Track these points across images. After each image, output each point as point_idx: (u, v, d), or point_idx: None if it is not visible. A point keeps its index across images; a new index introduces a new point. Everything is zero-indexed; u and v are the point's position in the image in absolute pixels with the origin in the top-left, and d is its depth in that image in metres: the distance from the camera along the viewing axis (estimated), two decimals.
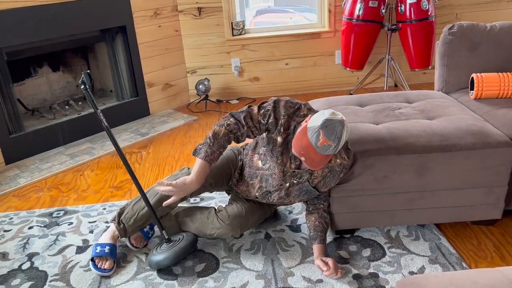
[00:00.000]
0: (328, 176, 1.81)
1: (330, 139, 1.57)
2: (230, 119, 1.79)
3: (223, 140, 1.77)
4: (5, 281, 1.89)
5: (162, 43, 3.78)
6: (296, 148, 1.63)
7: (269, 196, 1.90)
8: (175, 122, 3.65)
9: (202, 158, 1.76)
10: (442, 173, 1.87)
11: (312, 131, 1.59)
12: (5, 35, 2.83)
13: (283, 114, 1.75)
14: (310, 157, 1.61)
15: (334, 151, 1.61)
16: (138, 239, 2.01)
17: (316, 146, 1.58)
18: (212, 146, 1.76)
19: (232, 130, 1.77)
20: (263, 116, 1.77)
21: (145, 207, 1.93)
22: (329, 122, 1.57)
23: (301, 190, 1.85)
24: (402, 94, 2.42)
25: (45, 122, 3.28)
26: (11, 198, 2.62)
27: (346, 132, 1.60)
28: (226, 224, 1.90)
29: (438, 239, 2.00)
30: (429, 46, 3.68)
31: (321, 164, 1.63)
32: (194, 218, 1.98)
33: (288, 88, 4.21)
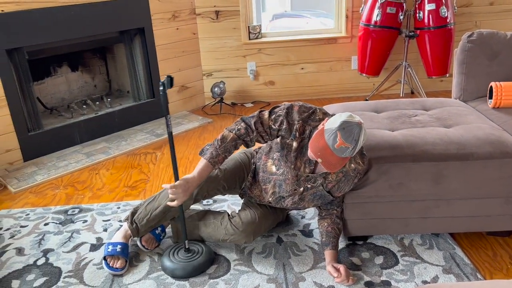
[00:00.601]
0: (342, 181, 1.80)
1: (347, 141, 1.56)
2: (241, 124, 1.81)
3: (230, 144, 1.79)
4: (21, 276, 1.92)
5: (179, 45, 3.81)
6: (313, 149, 1.62)
7: (282, 201, 1.90)
8: (189, 124, 3.67)
9: (207, 159, 1.77)
10: (458, 182, 1.85)
11: (329, 132, 1.59)
12: (27, 35, 2.89)
13: (297, 119, 1.75)
14: (326, 159, 1.60)
15: (351, 153, 1.59)
16: (150, 240, 2.02)
17: (333, 148, 1.57)
18: (218, 149, 1.78)
19: (241, 136, 1.79)
20: (274, 121, 1.78)
21: (158, 207, 1.94)
22: (346, 124, 1.57)
23: (315, 194, 1.85)
24: (419, 101, 2.40)
25: (63, 121, 3.34)
26: (28, 194, 2.67)
27: (363, 135, 1.59)
28: (239, 231, 1.90)
29: (453, 248, 1.98)
30: (447, 53, 3.64)
31: (338, 167, 1.62)
32: (207, 222, 1.98)
33: (303, 92, 4.21)
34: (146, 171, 2.89)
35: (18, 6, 2.83)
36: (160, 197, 1.97)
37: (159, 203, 1.95)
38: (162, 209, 1.94)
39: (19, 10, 2.83)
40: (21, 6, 2.85)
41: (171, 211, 1.95)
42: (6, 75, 2.86)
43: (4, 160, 2.97)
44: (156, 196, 1.99)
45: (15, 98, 2.93)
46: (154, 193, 2.60)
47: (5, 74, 2.85)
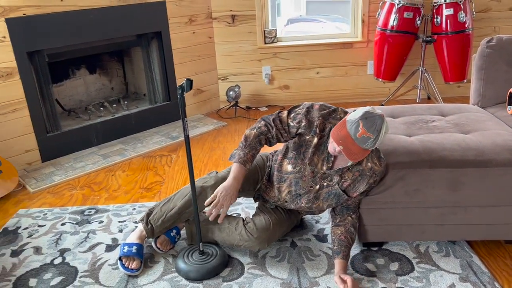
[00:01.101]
0: (358, 180, 1.80)
1: (369, 131, 1.57)
2: (261, 122, 1.87)
3: (254, 141, 1.83)
4: (38, 274, 1.95)
5: (195, 49, 3.85)
6: (335, 137, 1.63)
7: (298, 199, 1.89)
8: (204, 127, 3.70)
9: (236, 161, 1.81)
10: (476, 189, 1.82)
11: (351, 122, 1.60)
12: (47, 38, 2.95)
13: (317, 116, 1.78)
14: (348, 147, 1.61)
15: (373, 145, 1.60)
16: (165, 243, 2.03)
17: (355, 137, 1.59)
18: (244, 148, 1.83)
19: (262, 132, 1.84)
20: (293, 119, 1.82)
21: (173, 208, 1.95)
22: (369, 114, 1.59)
23: (330, 193, 1.84)
24: (436, 106, 2.38)
25: (81, 123, 3.39)
26: (46, 194, 2.71)
27: (385, 127, 1.60)
28: (254, 237, 1.89)
29: (470, 256, 1.95)
30: (465, 59, 3.60)
31: (359, 157, 1.63)
32: (222, 227, 1.97)
33: (318, 97, 4.20)
34: (161, 173, 2.92)
35: (39, 9, 2.90)
36: (176, 198, 1.98)
37: (174, 204, 1.97)
38: (177, 210, 1.95)
39: (40, 14, 2.90)
40: (42, 9, 2.91)
41: (186, 213, 1.96)
42: (26, 77, 2.92)
43: (23, 160, 3.03)
44: (172, 197, 2.01)
45: (34, 100, 2.99)
46: (169, 195, 2.62)
47: (25, 76, 2.91)
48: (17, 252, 2.12)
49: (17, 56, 2.85)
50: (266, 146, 1.90)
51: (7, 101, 2.88)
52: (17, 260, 2.05)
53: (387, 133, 1.67)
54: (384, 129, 1.60)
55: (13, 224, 2.36)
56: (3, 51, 2.79)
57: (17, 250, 2.13)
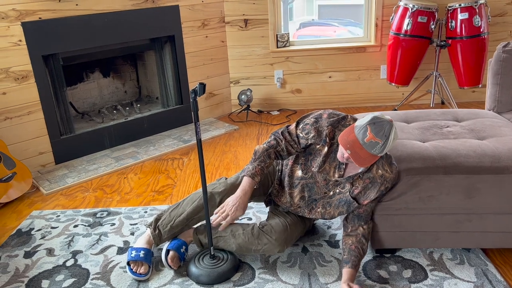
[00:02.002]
0: (368, 187, 1.78)
1: (377, 136, 1.56)
2: (271, 137, 1.89)
3: (263, 155, 1.85)
4: (50, 276, 1.96)
5: (208, 53, 3.86)
6: (342, 142, 1.62)
7: (314, 203, 1.88)
8: (216, 130, 3.70)
9: (245, 175, 1.84)
10: (492, 196, 1.79)
11: (359, 128, 1.60)
12: (62, 41, 2.99)
13: (326, 125, 1.77)
14: (355, 152, 1.60)
15: (381, 150, 1.59)
16: (175, 259, 1.96)
17: (363, 142, 1.58)
18: (253, 162, 1.85)
19: (272, 146, 1.86)
20: (302, 130, 1.82)
21: (182, 213, 1.95)
22: (377, 120, 1.58)
23: (341, 200, 1.83)
24: (451, 112, 2.34)
25: (94, 125, 3.42)
26: (59, 196, 2.74)
27: (394, 133, 1.58)
28: (273, 239, 1.86)
29: (485, 265, 1.91)
30: (480, 63, 3.55)
31: (367, 162, 1.61)
32: (237, 234, 1.92)
33: (330, 101, 4.18)
34: (173, 177, 2.92)
35: (55, 13, 2.94)
36: (185, 203, 1.98)
37: (183, 209, 1.96)
38: (186, 215, 1.94)
39: (55, 18, 2.93)
40: (57, 13, 2.95)
41: (194, 219, 1.96)
42: (41, 80, 2.96)
43: (37, 162, 3.06)
44: (181, 202, 2.00)
45: (49, 102, 3.03)
46: (180, 198, 2.63)
47: (40, 79, 2.95)
48: (30, 253, 2.14)
49: (32, 60, 2.89)
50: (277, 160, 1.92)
51: (22, 104, 2.92)
52: (30, 262, 2.07)
53: (396, 139, 1.65)
54: (393, 134, 1.58)
55: (26, 226, 2.39)
56: (19, 55, 2.84)
57: (30, 252, 2.15)
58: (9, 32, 2.77)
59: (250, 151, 3.28)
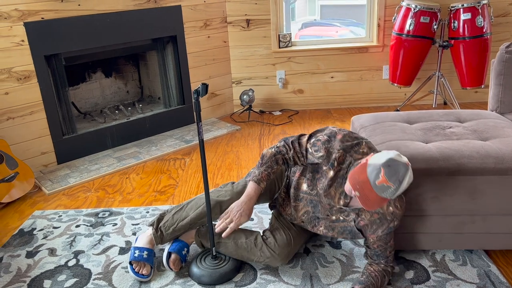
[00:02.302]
0: (376, 223, 1.71)
1: (390, 180, 1.47)
2: (280, 142, 1.82)
3: (270, 160, 1.78)
4: (52, 276, 1.96)
5: (210, 53, 3.86)
6: (352, 181, 1.53)
7: (316, 221, 1.83)
8: (218, 130, 3.70)
9: (250, 179, 1.78)
10: (496, 197, 1.78)
11: (372, 167, 1.50)
12: (64, 41, 2.99)
13: (338, 148, 1.67)
14: (364, 194, 1.50)
15: (392, 195, 1.49)
16: (177, 262, 1.95)
17: (374, 184, 1.48)
18: (260, 167, 1.78)
19: (281, 152, 1.79)
20: (312, 145, 1.73)
21: (185, 218, 1.94)
22: (393, 162, 1.48)
23: (345, 228, 1.77)
24: (453, 112, 2.34)
25: (96, 125, 3.42)
26: (61, 196, 2.74)
27: (409, 178, 1.49)
28: (276, 254, 1.84)
29: (488, 266, 1.90)
30: (482, 64, 3.54)
31: (375, 206, 1.52)
32: (239, 242, 1.90)
33: (332, 101, 4.18)
34: (175, 177, 2.92)
35: (57, 14, 2.94)
36: (188, 207, 1.96)
37: (186, 214, 1.95)
38: (189, 220, 1.93)
39: (58, 18, 2.94)
40: (60, 14, 2.95)
41: (198, 223, 1.95)
42: (44, 80, 2.96)
43: (39, 162, 3.07)
44: (184, 205, 1.99)
45: (51, 102, 3.03)
46: (182, 198, 2.63)
47: (43, 79, 2.95)
48: (32, 253, 2.14)
49: (35, 60, 2.89)
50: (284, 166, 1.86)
51: (24, 104, 2.92)
52: (32, 261, 2.07)
53: (410, 182, 1.53)
54: (407, 179, 1.48)
55: (28, 226, 2.39)
56: (22, 55, 2.84)
57: (32, 251, 2.15)
58: (12, 32, 2.78)
59: (252, 152, 3.28)
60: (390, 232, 1.74)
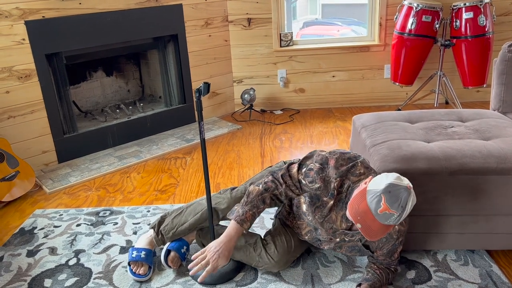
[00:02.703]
0: (382, 242, 1.69)
1: (392, 207, 1.39)
2: (268, 178, 1.70)
3: (256, 199, 1.66)
4: (53, 275, 1.96)
5: (211, 52, 3.85)
6: (352, 212, 1.46)
7: (319, 243, 1.80)
8: (219, 130, 3.69)
9: (233, 218, 1.67)
10: (498, 197, 1.77)
11: (372, 194, 1.42)
12: (65, 40, 2.98)
13: (335, 176, 1.58)
14: (367, 225, 1.43)
15: (396, 221, 1.42)
16: (175, 260, 1.95)
17: (376, 213, 1.41)
18: (245, 205, 1.67)
19: (269, 189, 1.67)
20: (305, 176, 1.63)
21: (184, 223, 1.92)
22: (393, 187, 1.40)
23: (353, 248, 1.74)
24: (455, 112, 2.33)
25: (97, 124, 3.42)
26: (62, 195, 2.74)
27: (411, 201, 1.41)
28: (274, 261, 1.81)
29: (489, 266, 1.90)
30: (484, 63, 3.53)
31: (379, 235, 1.45)
32: (238, 245, 1.86)
33: (333, 100, 4.17)
34: (176, 176, 2.92)
35: (58, 12, 2.93)
36: (187, 212, 1.95)
37: (185, 219, 1.94)
38: (188, 226, 1.93)
39: (59, 17, 2.93)
40: (61, 12, 2.95)
41: (197, 228, 1.94)
42: (45, 79, 2.96)
43: (40, 161, 3.06)
44: (183, 210, 1.97)
45: (52, 101, 3.03)
46: (183, 197, 2.62)
47: (44, 78, 2.95)
48: (33, 252, 2.14)
49: (36, 58, 2.89)
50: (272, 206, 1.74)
51: (25, 103, 2.92)
52: (32, 260, 2.07)
53: (414, 205, 1.46)
54: (410, 203, 1.40)
55: (29, 224, 2.39)
56: (22, 53, 2.83)
57: (33, 250, 2.15)
58: (13, 31, 2.77)
59: (253, 151, 3.27)
60: (395, 248, 1.72)
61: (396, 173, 1.47)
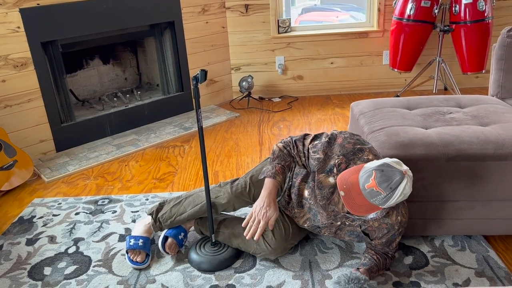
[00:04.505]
0: (383, 232, 1.69)
1: (381, 186, 1.38)
2: (287, 139, 1.78)
3: (282, 153, 1.73)
4: (52, 263, 1.97)
5: (208, 39, 3.82)
6: (340, 181, 1.47)
7: (318, 230, 1.81)
8: (217, 117, 3.68)
9: (266, 176, 1.70)
10: (495, 183, 1.78)
11: (365, 170, 1.43)
12: (61, 28, 2.95)
13: (338, 154, 1.60)
14: (350, 195, 1.43)
15: (383, 203, 1.41)
16: (173, 246, 1.96)
17: (363, 188, 1.41)
18: (273, 161, 1.73)
19: (287, 147, 1.75)
20: (313, 146, 1.69)
21: (182, 213, 1.93)
22: (387, 167, 1.40)
23: (352, 232, 1.74)
24: (453, 98, 2.32)
25: (94, 113, 3.41)
26: (60, 184, 2.74)
27: (404, 188, 1.39)
28: (272, 248, 1.82)
29: (486, 251, 1.91)
30: (483, 48, 3.51)
31: (361, 210, 1.45)
32: (237, 232, 1.89)
33: (332, 87, 4.15)
34: (174, 164, 2.92)
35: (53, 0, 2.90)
36: (186, 203, 1.95)
37: (184, 209, 1.94)
38: (186, 216, 1.93)
39: (54, 4, 2.90)
40: None
41: (196, 217, 1.94)
42: (41, 67, 2.93)
43: (38, 150, 3.06)
44: (182, 200, 1.97)
45: (49, 90, 3.01)
46: (181, 185, 2.63)
47: (40, 67, 2.93)
48: (32, 240, 2.15)
49: (31, 47, 2.86)
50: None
51: (22, 91, 2.90)
52: (32, 249, 2.08)
53: (407, 195, 1.42)
54: (401, 188, 1.38)
55: (28, 213, 2.39)
56: (18, 42, 2.81)
57: (32, 239, 2.16)
58: (7, 19, 2.74)
59: (251, 139, 3.27)
60: (394, 238, 1.73)
61: (398, 160, 1.47)
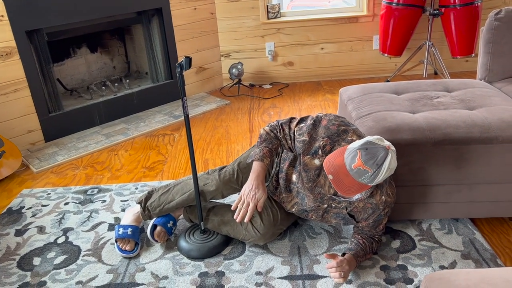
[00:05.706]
0: (368, 213, 1.70)
1: (367, 164, 1.40)
2: (274, 122, 1.78)
3: (269, 137, 1.73)
4: (42, 253, 1.97)
5: (197, 26, 3.78)
6: (327, 165, 1.48)
7: (306, 214, 1.81)
8: (207, 105, 3.66)
9: (254, 159, 1.70)
10: (481, 166, 1.79)
11: (350, 151, 1.44)
12: (46, 16, 2.90)
13: (323, 136, 1.62)
14: (338, 178, 1.44)
15: (370, 180, 1.43)
16: (162, 234, 1.96)
17: (350, 168, 1.42)
18: (260, 145, 1.73)
19: (274, 130, 1.75)
20: (299, 129, 1.69)
21: (171, 201, 1.92)
22: (370, 145, 1.42)
23: (338, 215, 1.74)
24: (441, 82, 2.32)
25: (83, 102, 3.37)
26: (49, 174, 2.72)
27: (389, 162, 1.41)
28: (260, 234, 1.82)
29: (473, 234, 1.93)
30: (473, 32, 3.50)
31: (351, 192, 1.46)
32: (225, 219, 1.90)
33: (322, 73, 4.14)
34: (164, 153, 2.91)
35: None
36: (174, 190, 1.94)
37: (172, 197, 1.93)
38: (175, 204, 1.93)
39: None
40: None
41: (185, 205, 1.94)
42: (26, 56, 2.89)
43: (26, 140, 3.03)
44: (170, 188, 1.97)
45: (35, 79, 2.97)
46: (171, 174, 2.62)
47: (25, 56, 2.88)
48: (21, 231, 2.14)
49: (16, 35, 2.81)
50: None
51: (7, 81, 2.86)
52: (21, 240, 2.07)
53: (393, 169, 1.45)
54: (387, 163, 1.40)
55: (17, 204, 2.38)
56: (2, 30, 2.76)
57: (21, 230, 2.15)
58: None
59: (241, 126, 3.26)
60: (380, 219, 1.74)
61: (379, 136, 1.49)
